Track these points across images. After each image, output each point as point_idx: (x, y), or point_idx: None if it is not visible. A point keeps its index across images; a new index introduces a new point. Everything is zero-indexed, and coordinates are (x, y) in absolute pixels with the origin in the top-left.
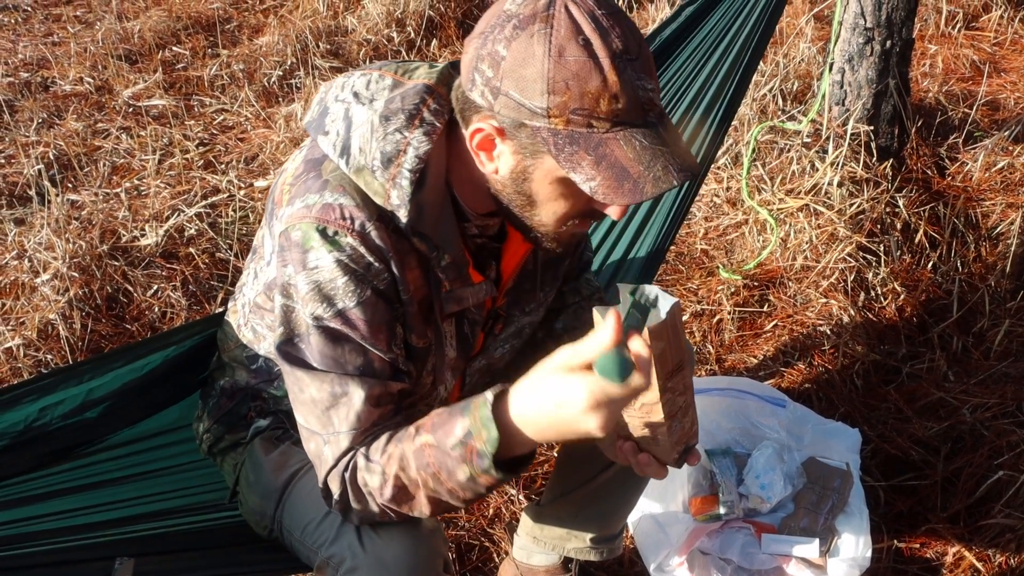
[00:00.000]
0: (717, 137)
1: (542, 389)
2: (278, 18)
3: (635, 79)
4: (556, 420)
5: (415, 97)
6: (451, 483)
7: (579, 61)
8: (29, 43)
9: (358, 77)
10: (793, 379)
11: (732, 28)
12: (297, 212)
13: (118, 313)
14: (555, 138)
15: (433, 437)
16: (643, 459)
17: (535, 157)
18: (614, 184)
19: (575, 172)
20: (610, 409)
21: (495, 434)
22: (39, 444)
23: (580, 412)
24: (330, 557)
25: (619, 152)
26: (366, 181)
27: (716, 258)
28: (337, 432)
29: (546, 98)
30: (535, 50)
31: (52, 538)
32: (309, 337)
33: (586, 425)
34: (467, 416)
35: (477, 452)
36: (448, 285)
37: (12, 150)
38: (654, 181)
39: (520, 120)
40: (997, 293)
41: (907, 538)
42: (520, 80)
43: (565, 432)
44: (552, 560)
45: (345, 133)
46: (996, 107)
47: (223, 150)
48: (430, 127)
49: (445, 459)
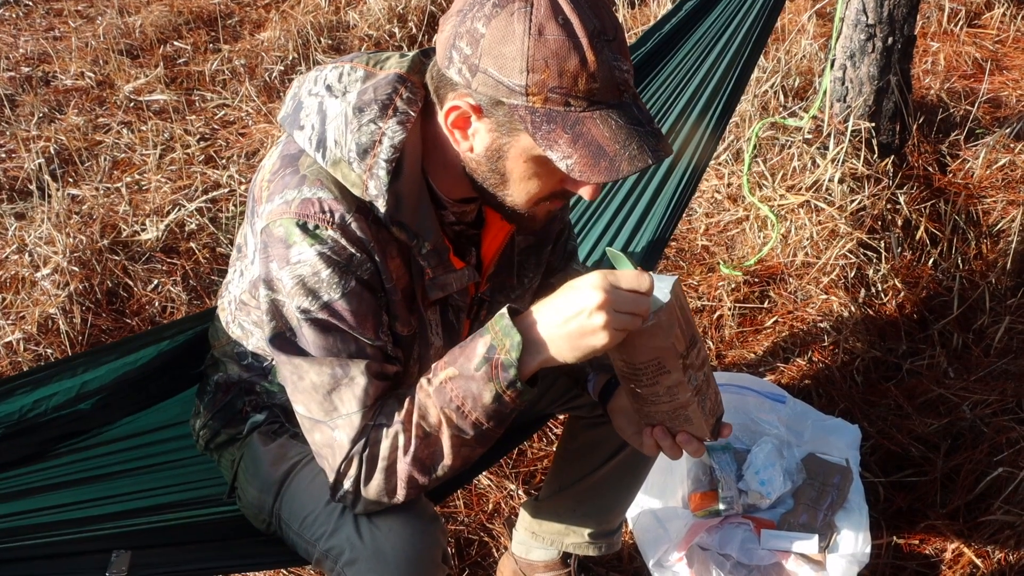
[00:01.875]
0: (717, 132)
1: (559, 290)
2: (280, 13)
3: (612, 59)
4: (570, 311)
5: (387, 87)
6: (476, 412)
7: (558, 40)
8: (30, 37)
9: (330, 70)
10: (793, 375)
11: (732, 23)
12: (277, 208)
13: (118, 308)
14: (532, 116)
15: (454, 367)
16: (683, 438)
17: (511, 135)
18: (590, 162)
19: (552, 150)
20: (616, 295)
21: (518, 338)
22: (33, 434)
23: (584, 288)
24: (329, 549)
25: (596, 131)
26: (343, 173)
27: (717, 254)
28: (347, 414)
29: (525, 76)
30: (515, 28)
31: (49, 531)
32: (301, 329)
33: (589, 301)
34: (486, 334)
35: (502, 364)
36: (431, 272)
37: (13, 144)
38: (630, 159)
39: (498, 98)
40: (997, 290)
41: (906, 534)
42: (499, 57)
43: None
44: (551, 555)
45: (320, 127)
46: (998, 104)
47: (224, 145)
48: (404, 116)
49: (469, 385)
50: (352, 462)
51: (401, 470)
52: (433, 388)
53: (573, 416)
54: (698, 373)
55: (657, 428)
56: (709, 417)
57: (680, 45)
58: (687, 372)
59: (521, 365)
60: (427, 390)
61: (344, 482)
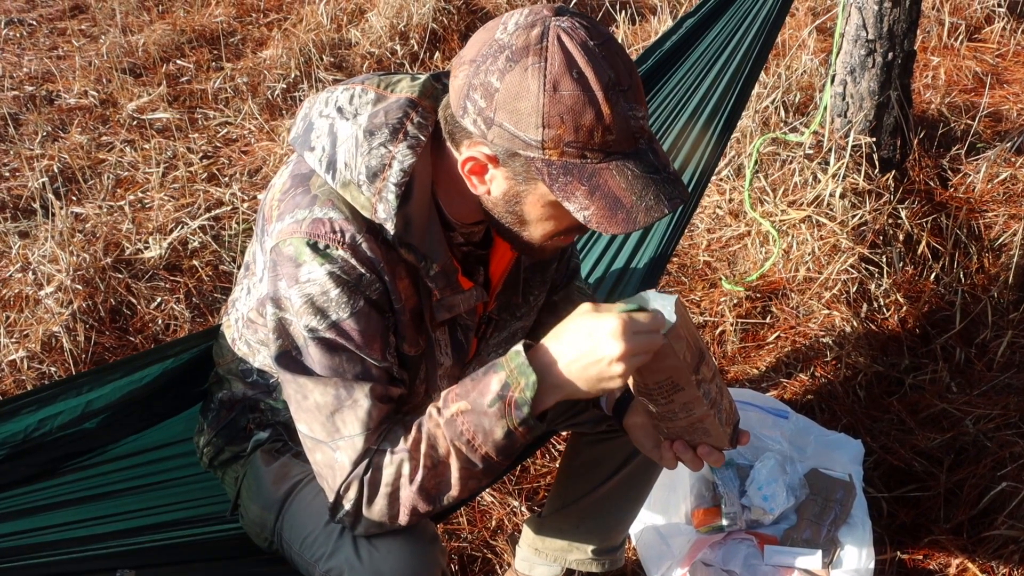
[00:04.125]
0: (718, 148)
1: (570, 327)
2: (282, 31)
3: (627, 110)
4: (583, 350)
5: (399, 111)
6: (487, 447)
7: (574, 95)
8: (34, 57)
9: (341, 92)
10: (795, 390)
11: (733, 39)
12: (288, 227)
13: (122, 325)
14: (549, 168)
15: (466, 402)
16: (703, 450)
17: (528, 184)
18: (608, 214)
19: (569, 202)
20: (635, 342)
21: (533, 378)
22: (38, 453)
23: (602, 336)
24: (328, 570)
25: (612, 182)
26: (353, 195)
27: (719, 269)
28: (349, 436)
29: (541, 131)
30: (529, 84)
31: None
32: (308, 348)
33: (609, 351)
34: (501, 371)
35: (515, 402)
36: (438, 294)
37: (17, 163)
38: (646, 210)
39: (514, 150)
40: (1000, 304)
41: (910, 550)
42: (514, 113)
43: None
44: (554, 572)
45: (331, 148)
46: (998, 118)
47: (227, 163)
48: (414, 140)
49: (481, 420)
50: (352, 484)
51: (405, 497)
52: (444, 420)
53: (576, 432)
54: (710, 385)
55: (677, 442)
56: (726, 427)
57: (682, 62)
58: (700, 387)
59: (534, 403)
60: (437, 420)
61: (344, 503)
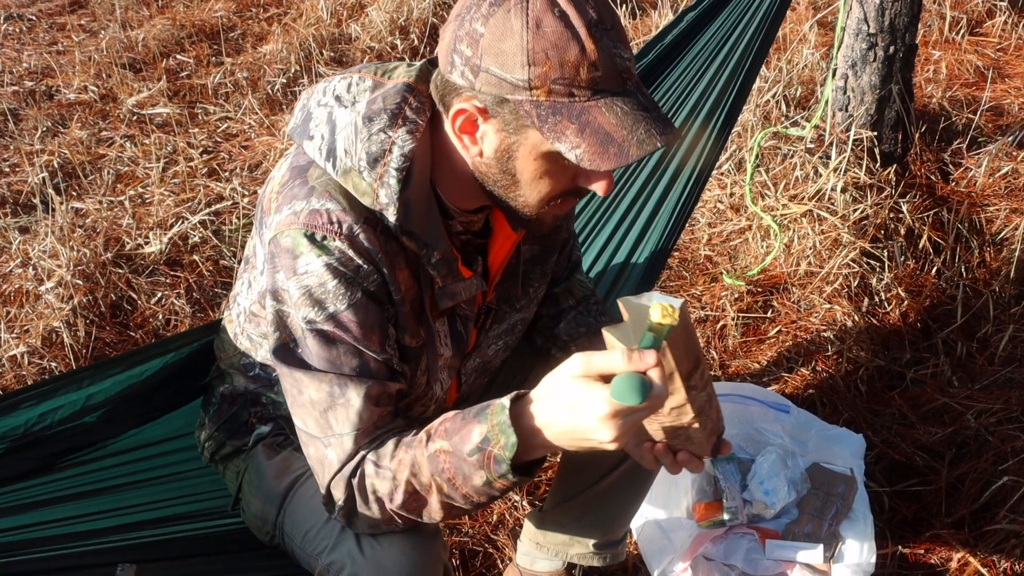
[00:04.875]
0: (719, 142)
1: (559, 395)
2: (282, 26)
3: (611, 47)
4: (571, 428)
5: (396, 96)
6: (467, 488)
7: (557, 31)
8: (34, 52)
9: (339, 81)
10: (797, 385)
11: (734, 33)
12: (285, 219)
13: (122, 321)
14: (538, 110)
15: (448, 443)
16: (683, 457)
17: (519, 133)
18: (599, 149)
19: (560, 142)
20: (627, 423)
21: (513, 439)
22: (39, 447)
23: (596, 421)
24: (330, 564)
25: (602, 118)
26: (354, 183)
27: (720, 264)
28: (339, 434)
29: (527, 70)
30: (513, 24)
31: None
32: (305, 340)
33: (600, 436)
34: (484, 422)
35: (495, 458)
36: (440, 281)
37: (17, 158)
38: (638, 144)
39: (502, 95)
40: (1001, 298)
41: (911, 544)
42: (500, 55)
43: (579, 440)
44: (555, 566)
45: (330, 136)
46: (1000, 112)
47: (227, 158)
48: (413, 125)
49: (461, 465)
50: (339, 484)
51: (391, 511)
52: (427, 454)
53: None
54: (701, 394)
55: (659, 445)
56: (711, 436)
57: (682, 56)
58: (690, 393)
59: (514, 461)
60: (423, 449)
61: (334, 500)
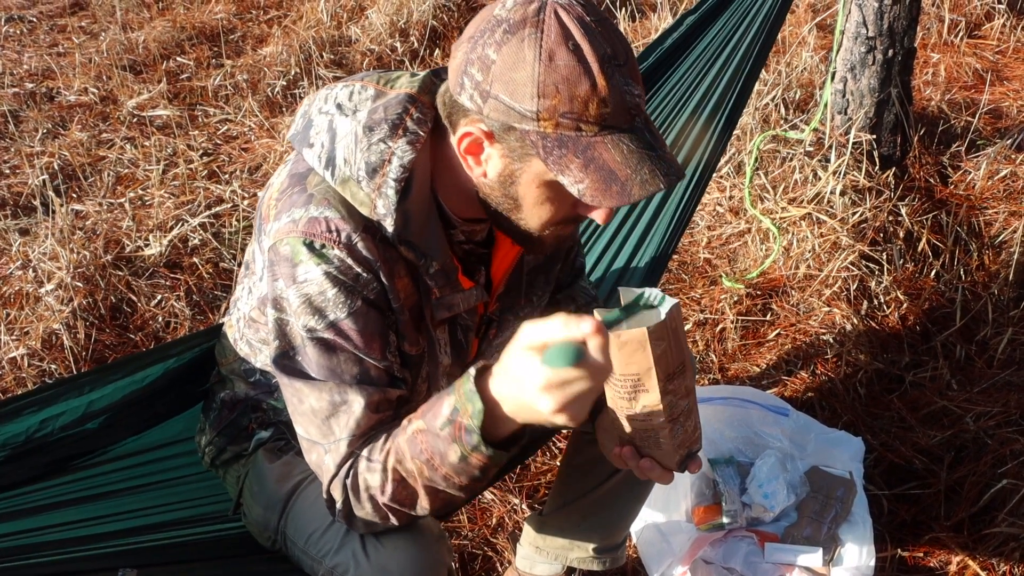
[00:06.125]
0: (719, 145)
1: (509, 367)
2: (282, 28)
3: (623, 84)
4: (518, 400)
5: (398, 107)
6: (444, 467)
7: (569, 65)
8: (34, 54)
9: (340, 89)
10: (796, 388)
11: (734, 37)
12: (284, 227)
13: (122, 323)
14: (544, 141)
15: (423, 421)
16: (645, 464)
17: (523, 161)
18: (602, 187)
19: (563, 175)
20: (566, 394)
21: (480, 406)
22: (40, 454)
23: (535, 391)
24: (334, 567)
25: (607, 155)
26: (352, 192)
27: (719, 267)
28: (337, 440)
29: (536, 101)
30: (525, 54)
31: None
32: (305, 349)
33: (541, 406)
34: (452, 394)
35: (465, 428)
36: (437, 292)
37: (17, 160)
38: (641, 184)
39: (509, 123)
40: (1000, 301)
41: (911, 547)
42: (510, 83)
43: (528, 413)
44: (555, 570)
45: (330, 145)
46: (999, 115)
47: (227, 160)
48: (414, 136)
49: (436, 442)
50: (336, 486)
51: (383, 505)
52: (406, 437)
53: (577, 431)
54: (680, 401)
55: (627, 448)
56: (680, 448)
57: (683, 59)
58: (666, 397)
59: (487, 430)
60: (405, 434)
61: (335, 503)
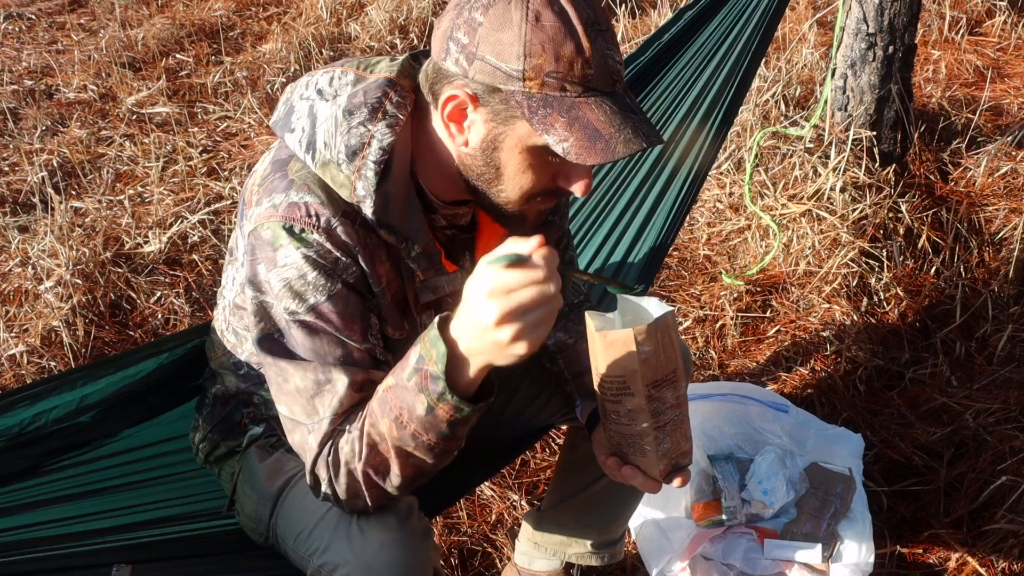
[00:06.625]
0: (717, 141)
1: (463, 301)
2: (281, 25)
3: (605, 48)
4: (470, 322)
5: (377, 91)
6: (413, 423)
7: (555, 26)
8: (33, 51)
9: (321, 75)
10: (795, 384)
11: (732, 32)
12: (264, 212)
13: (121, 320)
14: (529, 101)
15: (393, 377)
16: (627, 471)
17: (507, 124)
18: (586, 144)
19: (548, 134)
20: (510, 303)
21: (443, 349)
22: (33, 446)
23: (478, 299)
24: (322, 565)
25: (591, 115)
26: (332, 175)
27: (719, 263)
28: (320, 419)
29: (522, 61)
30: (512, 15)
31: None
32: (290, 331)
33: (484, 317)
34: (419, 344)
35: (431, 376)
36: (421, 275)
37: (16, 157)
38: (625, 142)
39: (494, 84)
40: (1000, 298)
41: (910, 543)
42: (496, 44)
43: (477, 331)
44: (554, 565)
45: (310, 129)
46: (999, 112)
47: (226, 157)
48: (393, 119)
49: (404, 395)
50: (320, 465)
51: (360, 475)
52: (378, 396)
53: (574, 427)
54: (668, 410)
55: (612, 459)
56: (664, 459)
57: (681, 54)
58: (652, 403)
59: (452, 377)
60: (377, 395)
61: (320, 484)
